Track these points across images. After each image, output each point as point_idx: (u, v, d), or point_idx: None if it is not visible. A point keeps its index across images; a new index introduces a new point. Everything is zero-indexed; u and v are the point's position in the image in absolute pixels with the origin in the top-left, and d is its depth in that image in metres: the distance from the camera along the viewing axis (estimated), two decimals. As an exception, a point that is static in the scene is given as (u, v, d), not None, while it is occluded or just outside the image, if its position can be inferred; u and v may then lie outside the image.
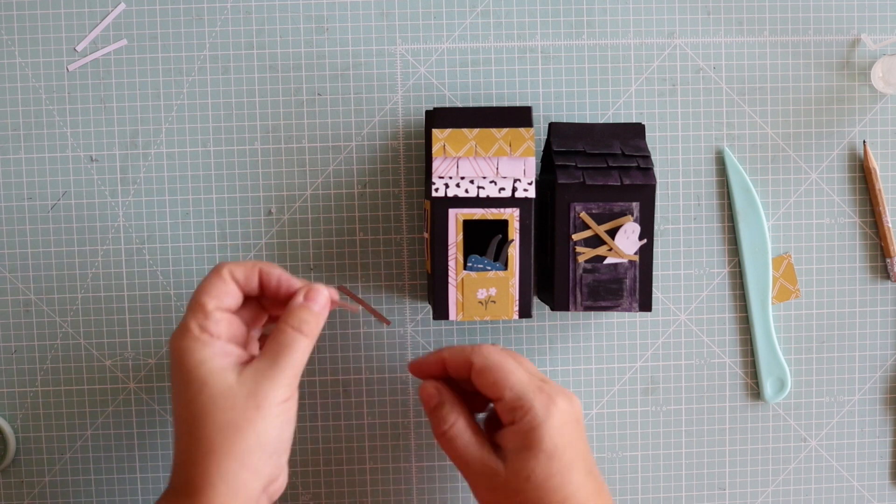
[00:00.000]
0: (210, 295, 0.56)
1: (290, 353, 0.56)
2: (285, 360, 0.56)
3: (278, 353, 0.56)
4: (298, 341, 0.56)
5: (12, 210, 0.69)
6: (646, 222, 0.63)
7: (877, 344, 0.72)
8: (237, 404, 0.54)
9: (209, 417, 0.54)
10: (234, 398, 0.54)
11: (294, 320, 0.57)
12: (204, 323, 0.55)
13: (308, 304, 0.57)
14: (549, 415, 0.58)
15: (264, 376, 0.55)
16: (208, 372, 0.54)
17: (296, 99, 0.69)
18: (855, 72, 0.71)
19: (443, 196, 0.62)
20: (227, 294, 0.57)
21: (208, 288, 0.57)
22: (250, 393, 0.54)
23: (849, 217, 0.72)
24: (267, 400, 0.54)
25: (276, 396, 0.55)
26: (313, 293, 0.58)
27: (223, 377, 0.54)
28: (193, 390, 0.54)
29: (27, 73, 0.68)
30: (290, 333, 0.56)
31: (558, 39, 0.70)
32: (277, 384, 0.55)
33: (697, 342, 0.72)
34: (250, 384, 0.54)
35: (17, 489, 0.70)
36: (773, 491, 0.73)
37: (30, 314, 0.70)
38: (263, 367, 0.55)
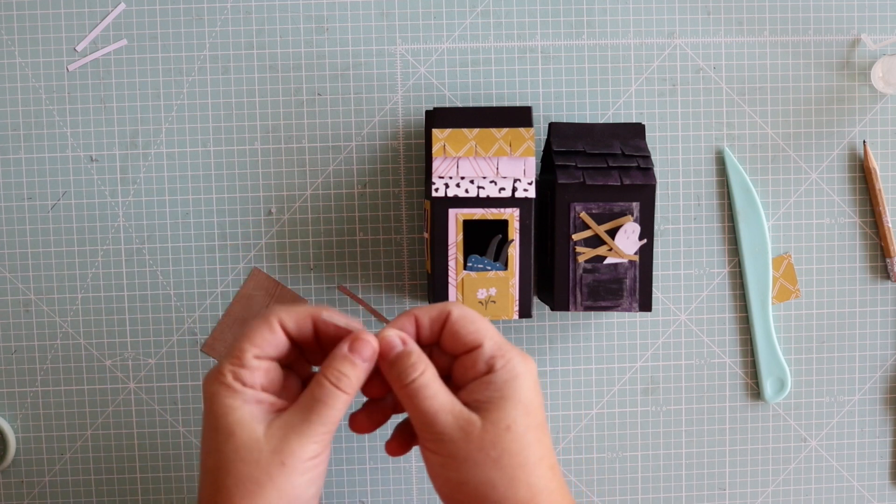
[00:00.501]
0: (252, 343, 0.53)
1: (323, 410, 0.52)
2: (318, 415, 0.52)
3: (311, 407, 0.52)
4: (335, 398, 0.52)
5: (12, 210, 0.69)
6: (646, 222, 0.63)
7: (877, 344, 0.72)
8: (261, 459, 0.51)
9: (232, 469, 0.51)
10: (259, 452, 0.51)
11: (333, 374, 0.52)
12: (239, 371, 0.52)
13: (352, 357, 0.53)
14: (526, 369, 0.54)
15: (294, 431, 0.51)
16: (236, 421, 0.51)
17: (296, 99, 0.69)
18: (855, 72, 0.71)
19: (443, 196, 0.62)
20: (272, 344, 0.53)
21: (252, 335, 0.53)
22: (276, 449, 0.51)
23: (849, 217, 0.72)
24: (293, 457, 0.51)
25: (304, 453, 0.51)
26: (359, 344, 0.53)
27: (251, 428, 0.51)
28: (220, 438, 0.51)
29: (27, 73, 0.68)
30: (327, 388, 0.52)
31: (558, 39, 0.70)
32: (307, 441, 0.51)
33: (697, 342, 0.72)
34: (277, 439, 0.51)
35: (17, 489, 0.70)
36: (773, 491, 0.73)
37: (30, 314, 0.70)
38: (294, 422, 0.52)
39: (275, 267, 0.70)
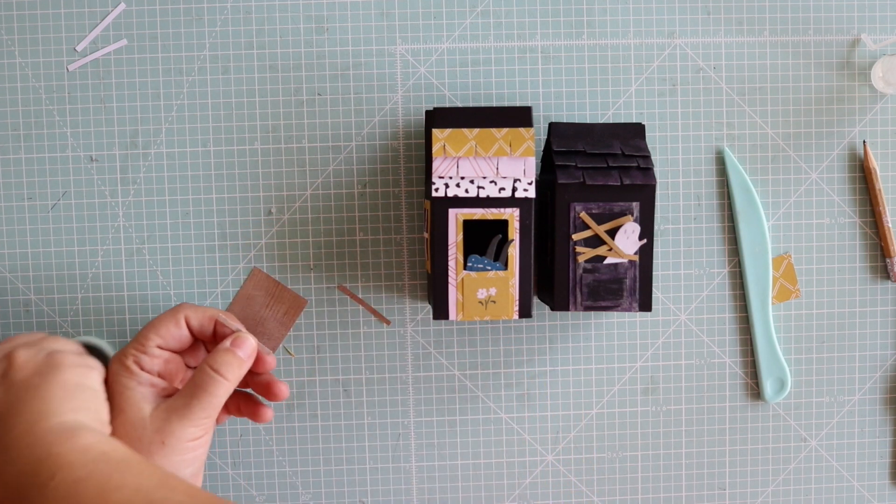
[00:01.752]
0: (157, 333, 0.59)
1: (205, 395, 0.57)
2: (199, 400, 0.57)
3: (194, 393, 0.57)
4: (217, 384, 0.57)
5: (12, 210, 0.69)
6: (646, 222, 0.63)
7: (877, 344, 0.72)
8: (144, 437, 0.55)
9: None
10: (143, 430, 0.56)
11: (216, 362, 0.58)
12: (140, 356, 0.58)
13: (233, 349, 0.59)
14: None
15: (176, 414, 0.56)
16: (126, 400, 0.57)
17: (296, 99, 0.69)
18: (855, 72, 0.71)
19: (443, 196, 0.62)
20: (175, 337, 0.59)
21: (158, 326, 0.59)
22: (158, 429, 0.56)
23: (849, 217, 0.72)
24: (173, 437, 0.56)
25: (185, 435, 0.56)
26: (240, 341, 0.59)
27: (140, 407, 0.56)
28: (112, 414, 0.57)
29: (27, 73, 0.68)
30: (209, 375, 0.57)
31: (558, 39, 0.70)
32: (187, 424, 0.56)
33: (697, 342, 0.72)
34: (160, 420, 0.56)
35: (17, 489, 0.70)
36: (773, 491, 0.73)
37: (30, 314, 0.70)
38: (177, 405, 0.56)
39: (275, 267, 0.70)
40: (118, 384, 0.57)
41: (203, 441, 0.57)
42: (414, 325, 0.71)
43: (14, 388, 0.55)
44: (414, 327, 0.71)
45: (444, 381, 0.71)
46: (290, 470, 0.71)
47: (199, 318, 0.60)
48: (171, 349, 0.60)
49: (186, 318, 0.60)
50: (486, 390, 0.71)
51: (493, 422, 0.72)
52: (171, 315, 0.60)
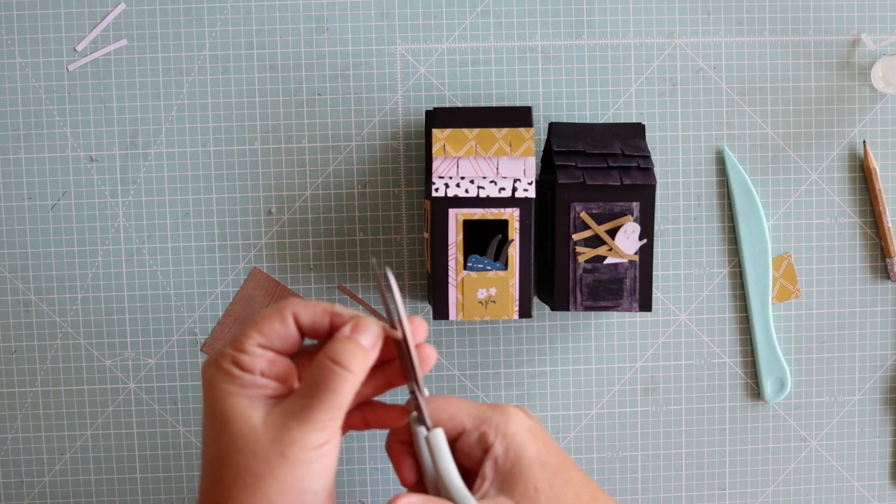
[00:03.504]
0: (259, 331, 0.49)
1: (326, 392, 0.47)
2: (321, 399, 0.47)
3: (313, 391, 0.47)
4: (339, 378, 0.47)
5: (12, 210, 0.69)
6: (646, 222, 0.63)
7: (877, 344, 0.72)
8: (259, 450, 0.47)
9: (229, 461, 0.47)
10: (258, 442, 0.47)
11: (335, 352, 0.48)
12: (238, 356, 0.48)
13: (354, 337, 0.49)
14: (516, 424, 0.52)
15: (294, 418, 0.47)
16: (232, 408, 0.47)
17: (296, 99, 0.69)
18: (855, 72, 0.71)
19: (443, 196, 0.62)
20: (280, 336, 0.49)
21: (260, 324, 0.49)
22: (275, 438, 0.47)
23: (849, 217, 0.72)
24: (295, 446, 0.47)
25: (307, 443, 0.47)
26: (361, 327, 0.49)
27: (248, 416, 0.47)
28: (217, 427, 0.48)
29: (27, 73, 0.68)
30: (329, 367, 0.48)
31: (558, 39, 0.70)
32: (309, 428, 0.47)
33: (697, 342, 0.72)
34: (276, 427, 0.47)
35: (17, 489, 0.70)
36: (773, 491, 0.73)
37: (30, 314, 0.70)
38: (294, 409, 0.47)
39: (275, 267, 0.70)
40: (217, 391, 0.48)
41: (331, 447, 0.48)
42: (414, 325, 0.71)
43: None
44: (414, 327, 0.71)
45: (444, 381, 0.71)
46: (290, 470, 0.71)
47: (311, 314, 0.50)
48: (277, 349, 0.49)
49: (295, 315, 0.49)
50: (486, 390, 0.71)
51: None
52: (275, 311, 0.49)
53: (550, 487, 0.51)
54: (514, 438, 0.51)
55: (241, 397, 0.48)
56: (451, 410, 0.52)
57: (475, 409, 0.52)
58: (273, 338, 0.49)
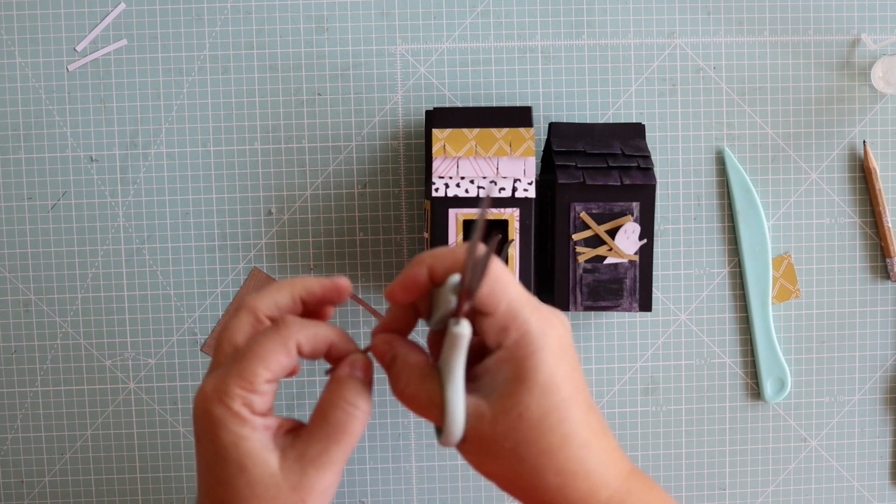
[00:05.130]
0: (266, 366, 0.46)
1: (345, 436, 0.47)
2: (339, 444, 0.47)
3: (331, 435, 0.47)
4: (356, 422, 0.47)
5: (12, 210, 0.69)
6: (646, 222, 0.63)
7: (877, 344, 0.72)
8: (279, 497, 0.46)
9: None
10: (277, 489, 0.46)
11: (352, 395, 0.47)
12: (249, 397, 0.46)
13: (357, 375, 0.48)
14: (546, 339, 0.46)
15: (312, 464, 0.46)
16: (247, 454, 0.46)
17: (296, 99, 0.69)
18: (855, 72, 0.71)
19: (443, 196, 0.62)
20: (285, 368, 0.47)
21: (265, 357, 0.47)
22: (295, 485, 0.46)
23: (849, 217, 0.72)
24: (313, 492, 0.46)
25: (324, 485, 0.47)
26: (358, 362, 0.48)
27: (264, 461, 0.46)
28: (230, 471, 0.46)
29: (27, 73, 0.68)
30: (348, 412, 0.47)
31: (558, 39, 0.70)
32: (326, 472, 0.47)
33: (697, 342, 0.72)
34: (295, 473, 0.46)
35: (17, 489, 0.70)
36: (773, 491, 0.73)
37: (30, 314, 0.70)
38: (313, 454, 0.47)
39: (275, 267, 0.70)
40: (230, 435, 0.46)
41: (337, 481, 0.48)
42: (414, 325, 0.71)
43: None
44: (414, 327, 0.71)
45: (444, 381, 0.71)
46: (290, 470, 0.71)
47: (313, 345, 0.48)
48: (278, 379, 0.48)
49: (299, 346, 0.48)
50: (486, 390, 0.71)
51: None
52: (279, 342, 0.47)
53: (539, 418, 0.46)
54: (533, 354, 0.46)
55: (253, 441, 0.46)
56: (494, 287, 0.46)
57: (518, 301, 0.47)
58: (278, 371, 0.47)
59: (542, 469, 0.46)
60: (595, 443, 0.48)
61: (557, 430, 0.46)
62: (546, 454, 0.46)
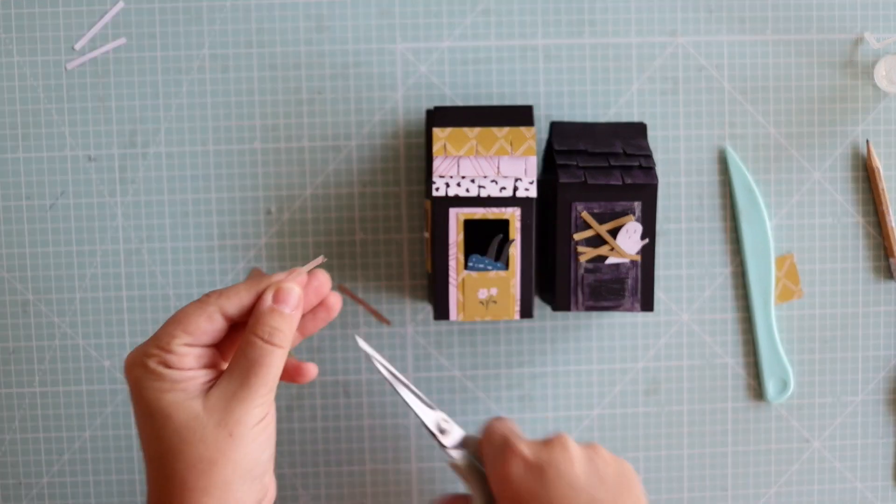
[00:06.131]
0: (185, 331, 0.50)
1: (261, 370, 0.50)
2: (256, 378, 0.49)
3: (248, 370, 0.49)
4: (270, 354, 0.50)
5: (10, 210, 0.69)
6: (647, 222, 0.63)
7: (880, 344, 0.72)
8: (207, 436, 0.48)
9: (178, 453, 0.48)
10: (203, 429, 0.48)
11: (263, 329, 0.50)
12: (165, 357, 0.50)
13: (278, 307, 0.51)
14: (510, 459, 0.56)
15: (235, 399, 0.49)
16: (169, 403, 0.49)
17: (295, 98, 0.69)
18: (858, 70, 0.70)
19: (443, 195, 0.62)
20: (208, 333, 0.51)
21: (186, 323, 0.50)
22: (220, 421, 0.48)
23: (852, 217, 0.71)
24: (241, 425, 0.49)
25: (251, 419, 0.49)
26: (283, 293, 0.51)
27: (187, 407, 0.49)
28: (157, 424, 0.49)
29: (25, 71, 0.68)
30: (260, 346, 0.50)
31: (560, 38, 0.70)
32: (250, 406, 0.49)
33: (699, 342, 0.71)
34: (219, 411, 0.49)
35: (16, 490, 0.70)
36: (775, 492, 0.72)
37: (28, 314, 0.69)
38: (233, 389, 0.49)
39: (274, 267, 0.70)
40: (149, 390, 0.49)
41: (271, 417, 0.50)
42: (414, 325, 0.71)
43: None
44: (414, 327, 0.71)
45: (445, 381, 0.71)
46: (290, 471, 0.71)
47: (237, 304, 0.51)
48: (203, 345, 0.51)
49: (222, 310, 0.51)
50: (486, 391, 0.71)
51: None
52: (200, 309, 0.51)
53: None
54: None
55: (174, 392, 0.49)
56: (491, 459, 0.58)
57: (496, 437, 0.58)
58: (200, 335, 0.50)
59: None
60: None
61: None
62: None
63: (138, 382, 0.49)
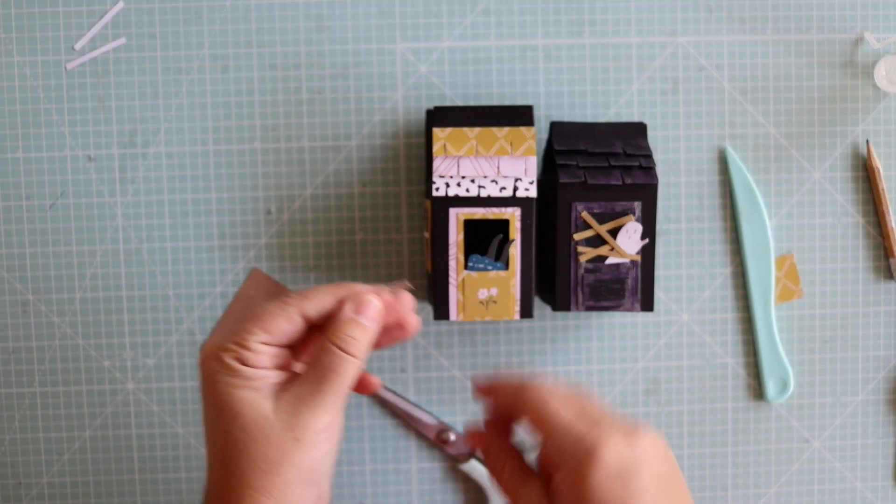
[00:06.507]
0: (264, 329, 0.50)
1: (334, 378, 0.50)
2: (329, 385, 0.50)
3: (322, 377, 0.50)
4: (346, 364, 0.50)
5: (10, 210, 0.69)
6: (647, 222, 0.63)
7: (880, 344, 0.72)
8: (273, 437, 0.49)
9: (243, 451, 0.49)
10: (271, 430, 0.49)
11: (340, 338, 0.50)
12: (242, 354, 0.50)
13: (358, 318, 0.51)
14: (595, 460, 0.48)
15: (305, 404, 0.49)
16: (240, 400, 0.49)
17: (295, 98, 0.69)
18: (858, 70, 0.70)
19: (443, 195, 0.62)
20: (286, 334, 0.51)
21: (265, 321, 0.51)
22: (288, 424, 0.49)
23: (852, 217, 0.71)
24: (307, 431, 0.49)
25: (318, 426, 0.49)
26: (364, 305, 0.51)
27: (258, 406, 0.49)
28: (225, 419, 0.49)
29: (25, 71, 0.68)
30: (336, 354, 0.50)
31: (560, 38, 0.70)
32: (319, 412, 0.49)
33: (699, 342, 0.71)
34: (288, 414, 0.49)
35: (16, 490, 0.70)
36: (775, 492, 0.72)
37: (28, 314, 0.69)
38: (304, 394, 0.50)
39: (274, 267, 0.70)
40: (222, 385, 0.49)
41: (337, 428, 0.50)
42: (414, 325, 0.71)
43: None
44: (414, 328, 0.70)
45: (445, 381, 0.71)
46: (290, 471, 0.71)
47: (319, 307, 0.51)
48: (280, 345, 0.51)
49: (302, 312, 0.51)
50: (486, 391, 0.71)
51: (494, 423, 0.71)
52: (281, 310, 0.51)
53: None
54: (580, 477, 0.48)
55: (247, 390, 0.49)
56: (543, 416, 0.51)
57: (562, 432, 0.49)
58: (278, 335, 0.50)
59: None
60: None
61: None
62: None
63: (211, 376, 0.50)
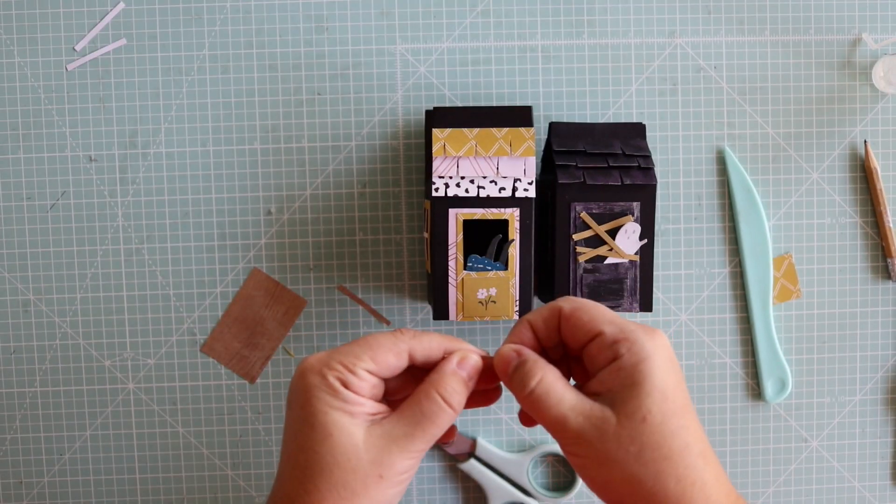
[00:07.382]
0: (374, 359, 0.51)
1: (429, 426, 0.50)
2: (423, 431, 0.50)
3: (417, 422, 0.50)
4: (444, 414, 0.50)
5: (11, 210, 0.69)
6: (646, 222, 0.63)
7: (878, 344, 0.72)
8: (359, 468, 0.49)
9: (327, 473, 0.49)
10: (358, 460, 0.49)
11: (445, 389, 0.51)
12: (346, 376, 0.50)
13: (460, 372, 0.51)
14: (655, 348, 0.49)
15: (396, 444, 0.49)
16: (334, 422, 0.49)
17: (295, 99, 0.69)
18: (856, 71, 0.71)
19: (443, 196, 0.62)
20: (390, 369, 0.52)
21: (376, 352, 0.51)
22: (376, 459, 0.49)
23: (850, 217, 0.71)
24: (391, 470, 0.49)
25: (402, 467, 0.50)
26: (467, 362, 0.52)
27: (350, 433, 0.49)
28: (315, 437, 0.49)
29: (26, 72, 0.68)
30: (438, 403, 0.50)
31: (559, 39, 0.70)
32: (406, 454, 0.50)
33: (698, 342, 0.72)
34: (378, 449, 0.49)
35: (17, 489, 0.70)
36: (773, 492, 0.72)
37: (29, 314, 0.69)
38: (397, 434, 0.50)
39: (274, 267, 0.70)
40: (320, 402, 0.49)
41: (415, 469, 0.51)
42: (414, 325, 0.71)
43: None
44: (414, 327, 0.71)
45: (444, 381, 0.71)
46: (290, 470, 0.71)
47: (426, 352, 0.52)
48: (380, 377, 0.51)
49: (411, 353, 0.52)
50: (486, 391, 0.71)
51: (493, 422, 0.71)
52: (392, 345, 0.51)
53: (661, 423, 0.48)
54: (647, 360, 0.49)
55: (343, 413, 0.49)
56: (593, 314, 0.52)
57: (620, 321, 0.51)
58: (383, 367, 0.51)
59: (663, 475, 0.48)
60: (710, 456, 0.49)
61: (679, 436, 0.48)
62: (668, 459, 0.48)
63: (310, 390, 0.50)
